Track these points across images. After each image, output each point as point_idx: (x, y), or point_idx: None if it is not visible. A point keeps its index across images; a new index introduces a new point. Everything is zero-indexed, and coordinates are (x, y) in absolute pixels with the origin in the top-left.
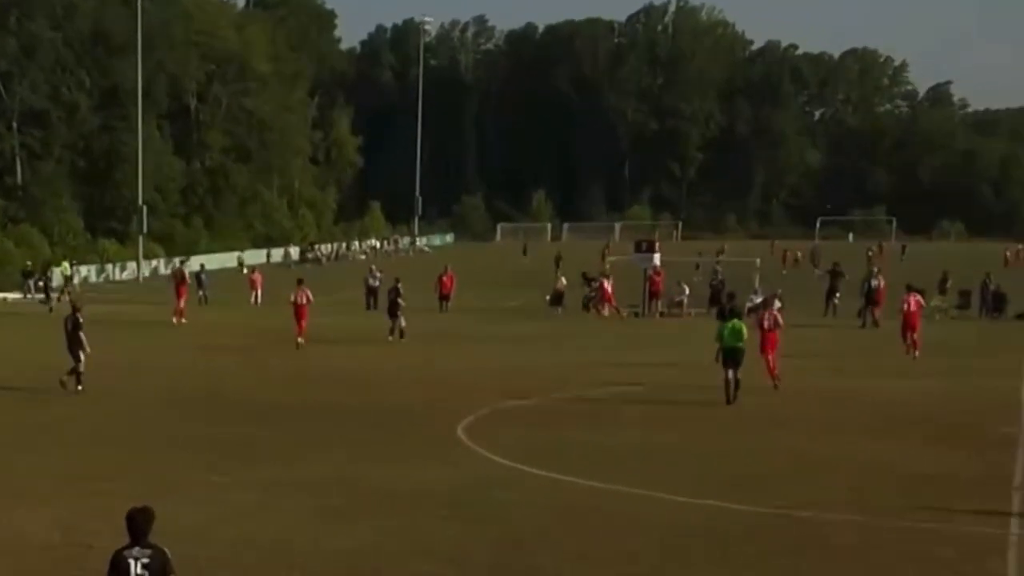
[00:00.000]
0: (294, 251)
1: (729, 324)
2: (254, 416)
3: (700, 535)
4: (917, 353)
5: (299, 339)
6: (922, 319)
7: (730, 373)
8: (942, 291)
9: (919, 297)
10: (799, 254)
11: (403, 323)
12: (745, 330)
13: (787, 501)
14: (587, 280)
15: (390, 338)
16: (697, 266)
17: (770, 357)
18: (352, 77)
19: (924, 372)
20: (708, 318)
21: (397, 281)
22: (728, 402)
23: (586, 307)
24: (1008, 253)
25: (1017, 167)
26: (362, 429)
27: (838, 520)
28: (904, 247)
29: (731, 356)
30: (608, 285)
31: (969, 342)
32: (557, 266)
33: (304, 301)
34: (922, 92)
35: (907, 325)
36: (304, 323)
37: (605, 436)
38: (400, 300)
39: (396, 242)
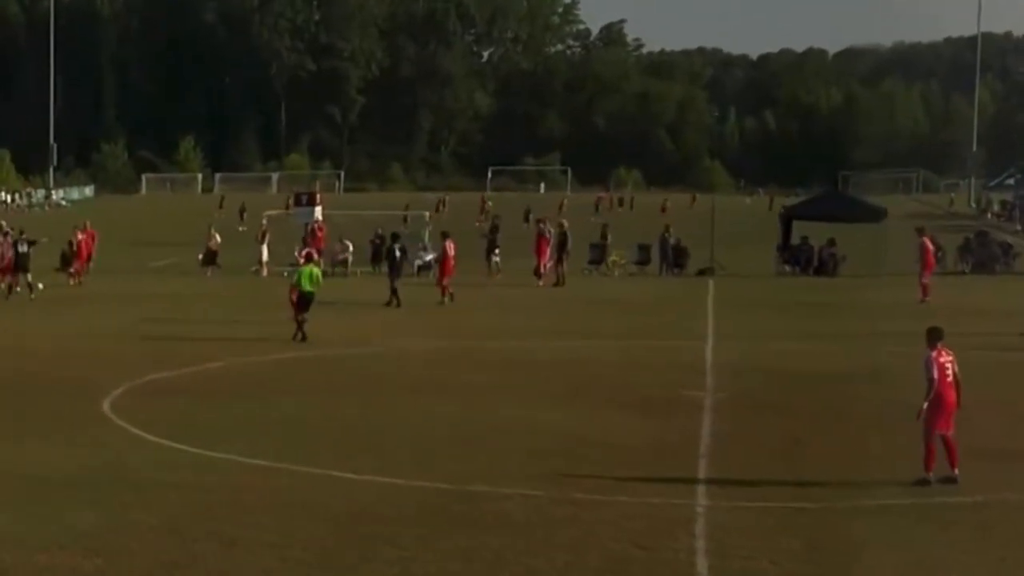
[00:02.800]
0: None
1: (307, 269)
2: None
3: (372, 515)
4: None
5: None
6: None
7: (303, 315)
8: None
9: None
10: (489, 203)
11: (30, 278)
12: (317, 274)
13: (460, 475)
14: None
15: (17, 291)
16: (405, 219)
17: None
18: None
19: (604, 332)
20: (376, 276)
21: (22, 233)
22: (296, 339)
23: None
24: (600, 196)
25: (693, 112)
26: None
27: (516, 494)
28: (632, 198)
29: (305, 298)
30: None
31: (650, 300)
32: (241, 218)
33: None
34: (595, 32)
35: (928, 268)
36: None
37: (263, 408)
38: (31, 251)
39: (29, 196)
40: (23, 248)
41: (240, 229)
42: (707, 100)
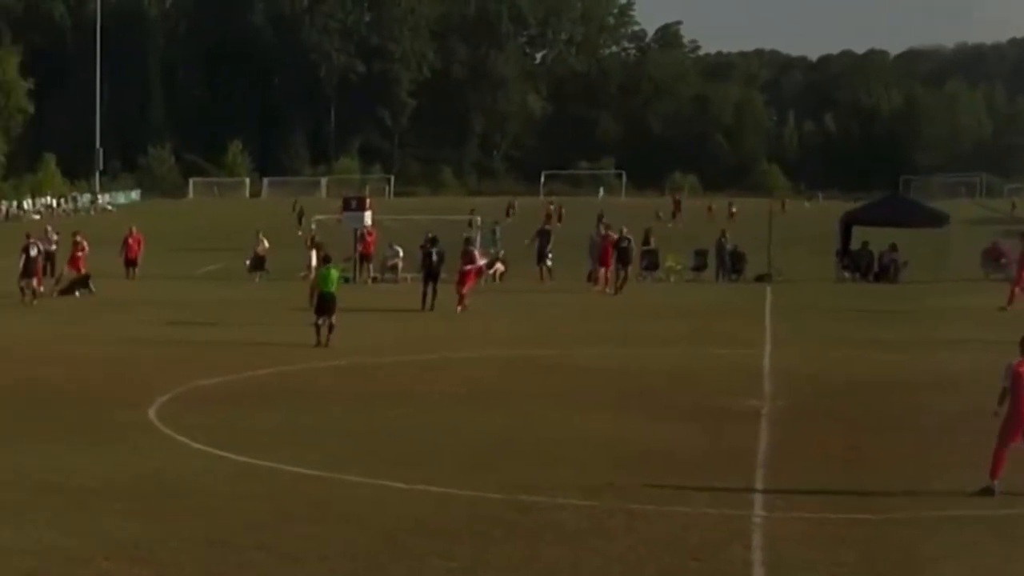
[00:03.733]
0: None
1: (324, 271)
2: None
3: (422, 526)
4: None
5: None
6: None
7: (321, 319)
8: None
9: None
10: (553, 207)
11: (35, 283)
12: (335, 276)
13: (513, 484)
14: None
15: (35, 302)
16: (470, 223)
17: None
18: (19, 12)
19: (659, 339)
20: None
21: (28, 237)
22: (316, 345)
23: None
24: (676, 197)
25: (751, 115)
26: (34, 414)
27: (569, 504)
28: (731, 205)
29: (324, 301)
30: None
31: (707, 307)
32: (299, 222)
33: None
34: (650, 33)
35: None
36: None
37: (311, 416)
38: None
39: (75, 200)
40: (33, 252)
41: (299, 234)
42: (765, 103)
